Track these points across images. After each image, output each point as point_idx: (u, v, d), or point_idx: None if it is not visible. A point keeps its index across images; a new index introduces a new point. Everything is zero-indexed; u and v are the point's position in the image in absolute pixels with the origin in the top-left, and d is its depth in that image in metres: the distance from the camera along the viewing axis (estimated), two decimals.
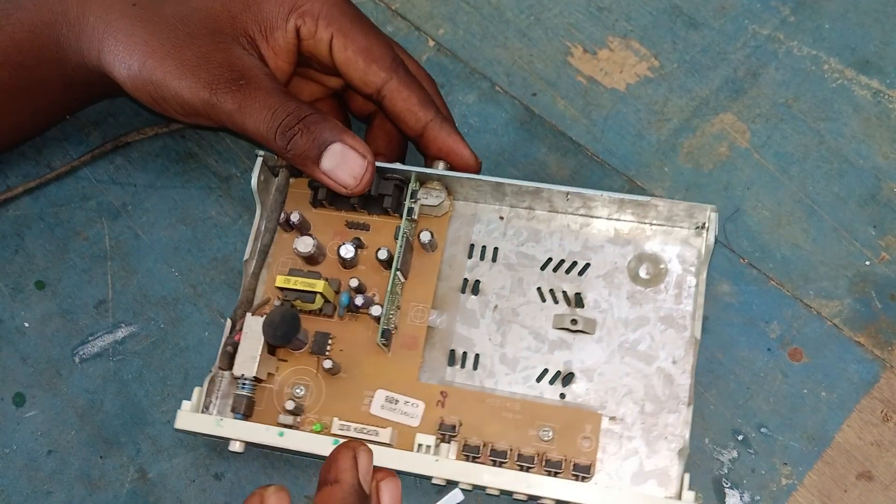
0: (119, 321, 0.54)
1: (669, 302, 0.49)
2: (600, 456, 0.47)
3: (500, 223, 0.52)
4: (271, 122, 0.48)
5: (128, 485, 0.51)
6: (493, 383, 0.49)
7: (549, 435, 0.47)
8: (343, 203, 0.52)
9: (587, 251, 0.51)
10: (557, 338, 0.49)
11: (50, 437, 0.52)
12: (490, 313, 0.50)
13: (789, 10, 0.58)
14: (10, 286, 0.55)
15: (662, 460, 0.47)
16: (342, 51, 0.50)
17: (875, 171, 0.54)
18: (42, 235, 0.56)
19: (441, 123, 0.51)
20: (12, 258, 0.56)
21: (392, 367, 0.49)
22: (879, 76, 0.56)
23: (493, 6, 0.60)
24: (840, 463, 0.49)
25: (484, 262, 0.51)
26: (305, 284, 0.49)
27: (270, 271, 0.52)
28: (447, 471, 0.46)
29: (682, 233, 0.51)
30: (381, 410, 0.48)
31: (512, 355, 0.49)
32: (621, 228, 0.51)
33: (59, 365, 0.53)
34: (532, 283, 0.50)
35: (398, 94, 0.50)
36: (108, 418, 0.52)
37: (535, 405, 0.48)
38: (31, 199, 0.57)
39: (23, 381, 0.53)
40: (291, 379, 0.50)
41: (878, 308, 0.52)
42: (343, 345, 0.50)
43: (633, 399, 0.48)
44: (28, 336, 0.54)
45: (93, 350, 0.54)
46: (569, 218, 0.51)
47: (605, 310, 0.50)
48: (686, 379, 0.48)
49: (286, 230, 0.53)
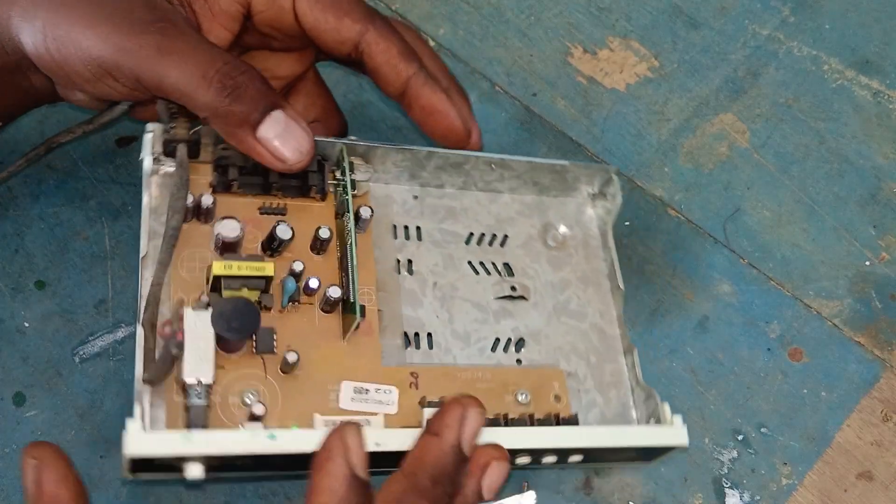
0: (119, 321, 0.54)
1: (582, 263, 0.51)
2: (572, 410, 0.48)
3: (416, 202, 0.50)
4: (201, 74, 0.41)
5: (128, 484, 0.51)
6: (452, 359, 0.48)
7: (527, 398, 0.47)
8: (254, 186, 0.46)
9: (502, 223, 0.51)
10: (499, 307, 0.50)
11: (50, 436, 0.52)
12: (430, 291, 0.49)
13: (789, 11, 0.58)
14: (10, 286, 0.55)
15: (618, 405, 0.48)
16: (308, 12, 0.45)
17: (875, 171, 0.54)
18: (42, 235, 0.56)
19: (426, 78, 0.46)
20: (12, 258, 0.56)
21: (350, 356, 0.45)
22: (879, 76, 0.56)
23: (493, 6, 0.60)
24: (840, 463, 0.49)
25: (410, 242, 0.50)
26: (253, 269, 0.42)
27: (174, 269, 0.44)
28: None
29: (579, 199, 0.52)
30: (351, 403, 0.44)
31: (462, 329, 0.49)
32: (525, 201, 0.52)
33: (60, 365, 0.53)
34: (461, 257, 0.50)
35: (376, 46, 0.45)
36: (109, 418, 0.52)
37: (504, 371, 0.48)
38: (32, 199, 0.57)
39: (23, 381, 0.53)
40: (235, 386, 0.42)
41: (878, 308, 0.52)
42: (289, 340, 0.44)
43: (579, 354, 0.49)
44: (28, 336, 0.54)
45: (93, 350, 0.54)
46: (477, 195, 0.51)
47: (532, 276, 0.50)
48: (616, 330, 0.49)
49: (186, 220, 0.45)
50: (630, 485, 0.49)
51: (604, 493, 0.49)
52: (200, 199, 0.44)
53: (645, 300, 0.52)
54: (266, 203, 0.46)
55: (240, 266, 0.42)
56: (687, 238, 0.54)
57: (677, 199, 0.55)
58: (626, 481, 0.49)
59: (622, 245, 0.54)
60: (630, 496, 0.49)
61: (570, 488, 0.49)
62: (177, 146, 0.45)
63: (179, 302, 0.42)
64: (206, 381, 0.40)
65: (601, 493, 0.49)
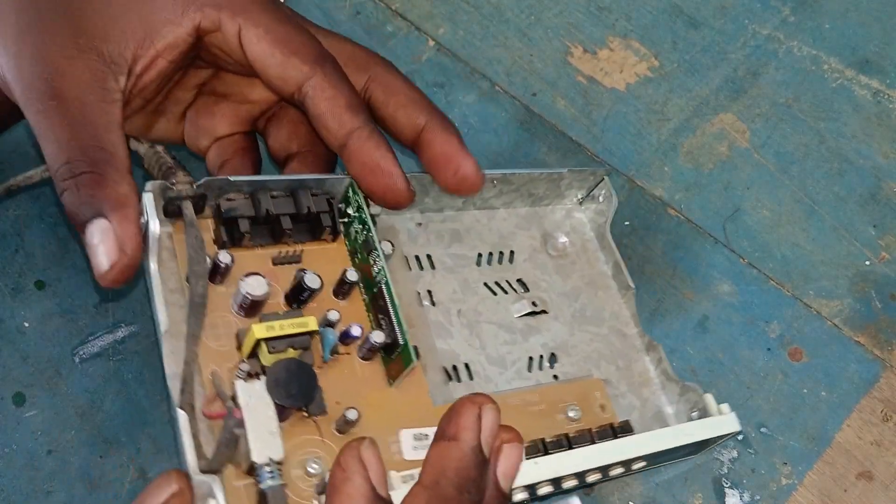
0: (119, 321, 0.54)
1: (586, 268, 0.51)
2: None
3: (420, 230, 0.49)
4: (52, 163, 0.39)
5: (128, 484, 0.51)
6: (494, 386, 0.47)
7: (578, 413, 0.45)
8: (264, 236, 0.42)
9: (505, 239, 0.51)
10: (523, 325, 0.49)
11: (50, 436, 0.52)
12: (457, 319, 0.47)
13: (789, 10, 0.58)
14: (10, 286, 0.55)
15: (654, 405, 0.48)
16: (255, 43, 0.42)
17: (875, 171, 0.54)
18: (42, 235, 0.56)
19: (370, 133, 0.42)
20: (12, 258, 0.56)
21: (400, 402, 0.42)
22: (879, 76, 0.56)
23: (493, 6, 0.60)
24: (840, 463, 0.49)
25: (425, 272, 0.48)
26: (296, 326, 0.38)
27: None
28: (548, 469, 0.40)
29: (571, 204, 0.52)
30: (413, 452, 0.40)
31: (496, 354, 0.48)
32: (520, 214, 0.52)
33: (60, 364, 0.53)
34: (476, 280, 0.49)
35: (322, 92, 0.42)
36: (109, 418, 0.52)
37: (547, 390, 0.46)
38: (32, 199, 0.57)
39: (23, 381, 0.53)
40: (294, 456, 0.38)
41: (878, 308, 0.52)
42: (336, 396, 0.40)
43: (607, 360, 0.49)
44: (28, 336, 0.54)
45: (93, 350, 0.54)
46: (475, 213, 0.51)
47: (545, 288, 0.50)
48: (633, 329, 0.49)
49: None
50: (630, 485, 0.49)
51: (604, 493, 0.49)
52: (218, 258, 0.40)
53: (645, 300, 0.52)
54: (281, 252, 0.43)
55: (282, 325, 0.38)
56: (687, 238, 0.54)
57: (677, 198, 0.55)
58: (625, 481, 0.49)
59: (622, 245, 0.54)
60: (630, 496, 0.49)
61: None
62: (182, 204, 0.41)
63: (213, 375, 0.39)
64: (277, 458, 0.36)
65: (601, 493, 0.49)
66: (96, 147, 0.39)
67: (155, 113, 0.47)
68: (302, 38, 0.42)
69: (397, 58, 0.59)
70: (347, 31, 0.52)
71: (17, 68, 0.40)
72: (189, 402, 0.37)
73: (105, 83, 0.41)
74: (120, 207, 0.38)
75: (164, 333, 0.39)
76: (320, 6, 0.50)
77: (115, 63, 0.41)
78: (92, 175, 0.38)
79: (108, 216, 0.38)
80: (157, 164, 0.43)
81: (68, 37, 0.40)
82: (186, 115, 0.48)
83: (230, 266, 0.40)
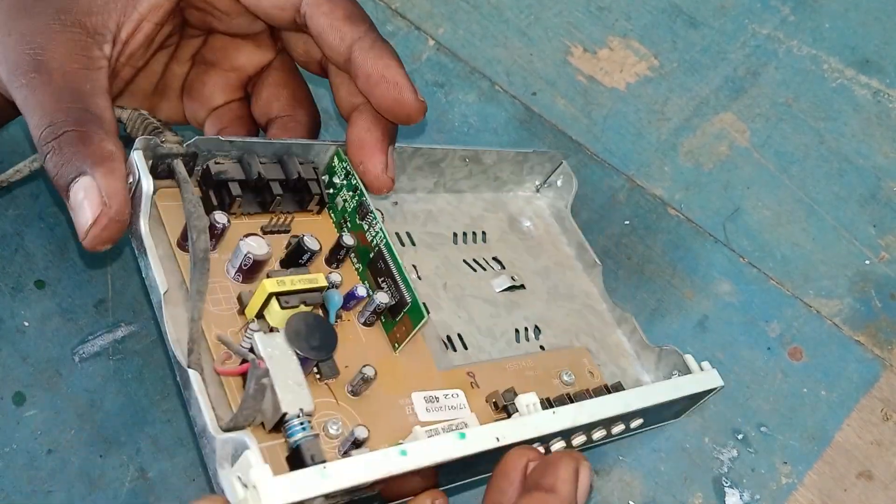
0: (119, 320, 0.54)
1: (551, 250, 0.52)
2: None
3: (396, 209, 0.49)
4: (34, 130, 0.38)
5: (128, 484, 0.51)
6: (488, 355, 0.47)
7: (571, 377, 0.47)
8: (252, 205, 0.42)
9: (476, 221, 0.52)
10: (505, 299, 0.50)
11: (50, 436, 0.52)
12: (444, 293, 0.48)
13: (789, 10, 0.58)
14: (10, 285, 0.55)
15: (631, 374, 0.49)
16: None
17: (875, 171, 0.54)
18: (42, 235, 0.56)
19: (372, 43, 0.41)
20: (12, 257, 0.56)
21: (406, 366, 0.42)
22: (879, 75, 0.56)
23: (493, 6, 0.60)
24: (840, 462, 0.49)
25: (406, 248, 0.48)
26: (306, 281, 0.38)
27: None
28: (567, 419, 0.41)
29: (530, 190, 0.53)
30: (427, 414, 0.41)
31: (485, 326, 0.49)
32: (486, 198, 0.53)
33: (59, 364, 0.53)
34: (456, 257, 0.50)
35: (318, 7, 0.41)
36: (108, 417, 0.52)
37: (539, 357, 0.48)
38: (32, 199, 0.57)
39: (23, 381, 0.53)
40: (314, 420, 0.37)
41: (878, 307, 0.52)
42: (344, 360, 0.40)
43: (584, 333, 0.50)
44: (28, 335, 0.54)
45: (93, 349, 0.54)
46: (447, 196, 0.52)
47: (520, 266, 0.51)
48: (602, 305, 0.51)
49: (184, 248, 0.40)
50: (630, 484, 0.49)
51: (604, 493, 0.49)
52: (214, 219, 0.39)
53: (645, 299, 0.52)
54: (270, 221, 0.42)
55: (293, 280, 0.37)
56: (687, 237, 0.54)
57: (677, 198, 0.55)
58: (626, 481, 0.49)
59: (622, 244, 0.54)
60: (630, 496, 0.49)
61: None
62: (173, 162, 0.40)
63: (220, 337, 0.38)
64: (308, 409, 0.35)
65: (601, 493, 0.49)
66: (80, 108, 0.38)
67: (156, 95, 0.48)
68: None
69: None
70: None
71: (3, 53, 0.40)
72: (198, 361, 0.36)
73: (89, 52, 0.40)
74: (105, 162, 0.37)
75: (164, 295, 0.37)
76: None
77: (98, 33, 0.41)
78: (75, 132, 0.37)
79: (91, 172, 0.37)
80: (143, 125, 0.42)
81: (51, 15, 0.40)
82: (184, 90, 0.48)
83: (227, 227, 0.39)
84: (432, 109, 0.56)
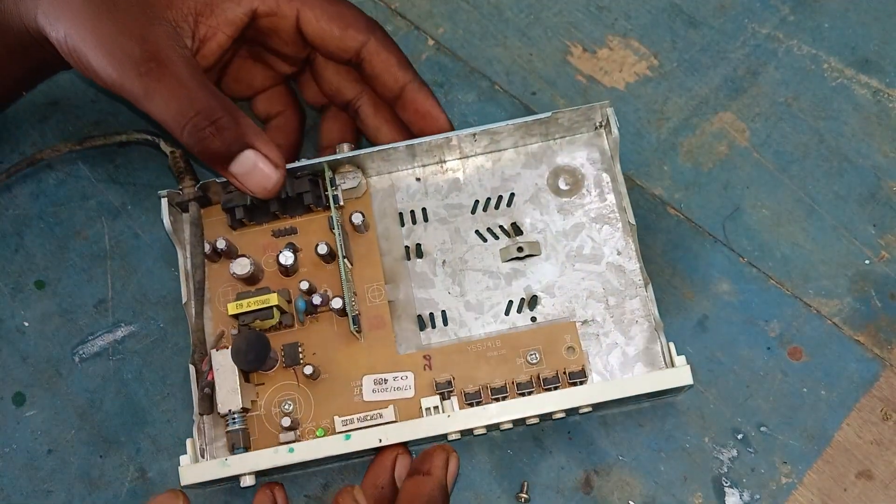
0: (119, 320, 0.54)
1: (595, 202, 0.52)
2: (587, 359, 0.49)
3: (419, 185, 0.53)
4: (179, 117, 0.45)
5: (128, 484, 0.51)
6: (468, 331, 0.50)
7: (536, 357, 0.49)
8: (264, 215, 0.51)
9: (507, 182, 0.53)
10: (510, 269, 0.51)
11: (50, 436, 0.52)
12: (441, 269, 0.51)
13: (789, 9, 0.58)
14: (10, 285, 0.55)
15: (641, 342, 0.50)
16: (313, 23, 0.49)
17: (875, 170, 0.54)
18: (42, 235, 0.56)
19: (419, 86, 0.51)
20: (12, 257, 0.56)
21: (368, 351, 0.50)
22: (879, 75, 0.56)
23: (493, 5, 0.60)
24: (840, 462, 0.49)
25: (417, 225, 0.52)
26: (259, 302, 0.48)
27: (214, 305, 0.51)
28: (460, 422, 0.46)
29: (584, 137, 0.53)
30: (373, 395, 0.49)
31: (475, 300, 0.51)
32: (530, 151, 0.53)
33: (59, 364, 0.53)
34: (468, 228, 0.52)
35: (377, 55, 0.50)
36: (108, 417, 0.52)
37: (513, 335, 0.50)
38: (31, 198, 0.57)
39: (23, 381, 0.53)
40: (275, 398, 0.49)
41: (878, 307, 0.52)
42: (314, 348, 0.50)
43: (596, 298, 0.50)
44: (28, 335, 0.54)
45: (93, 349, 0.54)
46: (479, 159, 0.53)
47: (542, 229, 0.52)
48: (634, 264, 0.51)
49: (215, 260, 0.52)
50: (630, 484, 0.49)
51: (604, 492, 0.49)
52: (216, 244, 0.50)
53: None
54: (276, 228, 0.52)
55: (249, 303, 0.49)
56: (686, 237, 0.54)
57: (677, 197, 0.55)
58: (625, 480, 0.49)
59: None
60: (630, 495, 0.49)
61: (569, 487, 0.49)
62: (189, 204, 0.51)
63: (220, 334, 0.50)
64: (236, 409, 0.47)
65: (601, 493, 0.49)
66: (215, 94, 0.46)
67: None
68: (353, 11, 0.50)
69: None
70: None
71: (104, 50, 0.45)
72: (198, 360, 0.49)
73: (182, 42, 0.47)
74: (260, 134, 0.46)
75: (184, 305, 0.51)
76: None
77: (179, 27, 0.47)
78: (228, 117, 0.45)
79: (256, 145, 0.46)
80: (175, 165, 0.52)
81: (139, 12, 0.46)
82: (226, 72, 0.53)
83: (228, 248, 0.51)
84: None
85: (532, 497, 0.49)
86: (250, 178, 0.47)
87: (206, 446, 0.49)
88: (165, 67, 0.45)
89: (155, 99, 0.45)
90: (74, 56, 0.47)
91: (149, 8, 0.46)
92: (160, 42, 0.46)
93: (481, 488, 0.50)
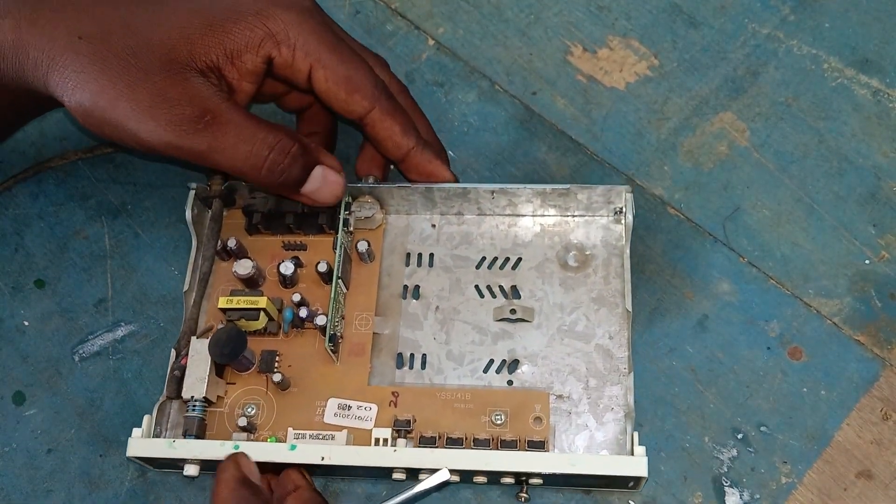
0: (119, 320, 0.54)
1: (599, 283, 0.51)
2: (553, 433, 0.48)
3: (433, 231, 0.54)
4: (253, 160, 0.47)
5: (127, 483, 0.51)
6: (443, 379, 0.50)
7: (501, 419, 0.48)
8: (279, 226, 0.52)
9: (517, 247, 0.53)
10: (499, 329, 0.51)
11: (50, 435, 0.52)
12: (432, 314, 0.52)
13: (789, 9, 0.58)
14: (10, 285, 0.55)
15: (612, 430, 0.48)
16: (322, 82, 0.49)
17: (875, 170, 0.54)
18: (42, 234, 0.56)
19: (422, 151, 0.51)
20: (12, 257, 0.56)
21: (341, 375, 0.50)
22: (879, 75, 0.56)
23: (493, 5, 0.60)
24: (840, 461, 0.49)
25: (421, 268, 0.53)
26: (248, 302, 0.49)
27: (211, 300, 0.52)
28: (406, 459, 0.46)
29: (602, 220, 0.52)
30: (334, 418, 0.49)
31: (458, 351, 0.51)
32: (546, 223, 0.53)
33: (59, 363, 0.53)
34: (469, 281, 0.52)
35: (380, 123, 0.50)
36: (108, 417, 0.52)
37: (485, 392, 0.49)
38: (31, 198, 0.57)
39: (23, 380, 0.53)
40: (242, 400, 0.50)
41: (878, 307, 0.52)
42: (290, 360, 0.50)
43: (577, 377, 0.50)
44: (28, 335, 0.54)
45: (92, 349, 0.54)
46: (497, 219, 0.53)
47: (540, 298, 0.51)
48: (623, 351, 0.50)
49: (224, 258, 0.53)
50: None
51: (604, 491, 0.49)
52: (227, 243, 0.52)
53: (645, 299, 0.52)
54: (287, 241, 0.53)
55: (239, 300, 0.49)
56: (686, 237, 0.54)
57: (677, 197, 0.55)
58: None
59: None
60: (630, 496, 0.49)
61: (569, 488, 0.49)
62: (213, 200, 0.53)
63: (209, 327, 0.51)
64: (198, 397, 0.48)
65: (601, 492, 0.49)
66: (274, 127, 0.47)
67: None
68: (362, 76, 0.49)
69: (397, 57, 0.59)
70: (347, 30, 0.52)
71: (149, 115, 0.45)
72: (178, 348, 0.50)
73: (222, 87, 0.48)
74: (319, 147, 0.49)
75: (185, 293, 0.52)
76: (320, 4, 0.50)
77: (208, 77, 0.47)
78: (297, 145, 0.48)
79: (322, 162, 0.49)
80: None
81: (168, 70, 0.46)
82: None
83: (237, 249, 0.52)
84: (432, 109, 0.56)
85: (532, 497, 0.49)
86: (321, 193, 0.49)
87: (168, 429, 0.49)
88: (221, 117, 0.46)
89: (223, 151, 0.46)
90: (107, 127, 0.46)
91: (174, 64, 0.46)
92: (205, 94, 0.46)
93: (481, 487, 0.50)
